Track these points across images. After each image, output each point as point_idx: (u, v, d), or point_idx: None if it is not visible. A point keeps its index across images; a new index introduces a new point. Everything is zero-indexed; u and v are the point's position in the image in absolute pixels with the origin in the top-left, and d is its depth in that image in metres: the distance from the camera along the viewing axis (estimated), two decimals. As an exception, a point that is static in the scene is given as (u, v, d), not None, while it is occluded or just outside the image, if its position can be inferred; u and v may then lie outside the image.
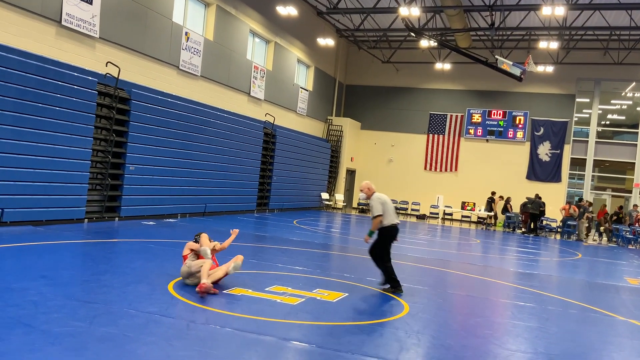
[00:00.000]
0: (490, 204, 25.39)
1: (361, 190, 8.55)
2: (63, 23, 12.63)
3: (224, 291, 7.01)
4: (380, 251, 8.23)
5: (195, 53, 17.53)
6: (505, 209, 25.49)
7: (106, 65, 13.64)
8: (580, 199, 24.35)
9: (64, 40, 12.84)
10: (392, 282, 8.16)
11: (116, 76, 13.45)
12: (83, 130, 12.29)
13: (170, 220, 15.17)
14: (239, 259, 7.36)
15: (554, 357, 5.62)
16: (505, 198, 25.72)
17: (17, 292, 5.96)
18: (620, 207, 24.39)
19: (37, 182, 11.29)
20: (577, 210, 22.75)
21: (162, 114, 14.86)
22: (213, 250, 7.46)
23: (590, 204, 24.70)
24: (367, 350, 5.20)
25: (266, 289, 7.37)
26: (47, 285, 6.40)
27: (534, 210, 23.35)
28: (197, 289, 6.72)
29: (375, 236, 8.24)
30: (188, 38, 17.14)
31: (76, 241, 10.17)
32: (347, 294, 7.58)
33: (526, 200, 24.10)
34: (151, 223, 13.91)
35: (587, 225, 23.39)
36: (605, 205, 25.05)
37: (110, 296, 6.25)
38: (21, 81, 10.73)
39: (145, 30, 15.35)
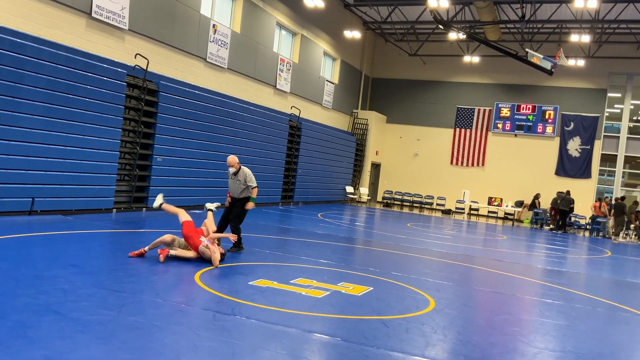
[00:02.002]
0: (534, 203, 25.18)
1: (231, 165, 9.33)
2: (93, 15, 12.78)
3: (249, 282, 7.05)
4: (239, 216, 9.35)
5: (222, 45, 17.59)
6: (532, 205, 25.12)
7: (135, 57, 13.78)
8: (623, 197, 23.60)
9: (94, 32, 13.00)
10: (238, 242, 9.28)
11: (145, 68, 13.58)
12: (112, 121, 12.45)
13: (197, 211, 15.27)
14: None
15: (582, 356, 5.51)
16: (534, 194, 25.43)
17: (47, 280, 6.06)
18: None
19: (66, 172, 11.47)
20: (607, 207, 22.25)
21: (189, 106, 14.96)
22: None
23: (636, 203, 23.86)
24: (392, 345, 5.16)
25: (291, 282, 7.39)
26: (76, 273, 6.51)
27: (563, 207, 22.94)
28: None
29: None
30: (215, 30, 17.21)
31: (105, 231, 10.32)
32: (372, 288, 7.55)
33: (556, 195, 23.65)
34: (177, 214, 14.01)
35: (624, 221, 22.74)
36: None
37: (138, 285, 6.32)
38: (52, 72, 10.89)
39: (173, 22, 15.45)
